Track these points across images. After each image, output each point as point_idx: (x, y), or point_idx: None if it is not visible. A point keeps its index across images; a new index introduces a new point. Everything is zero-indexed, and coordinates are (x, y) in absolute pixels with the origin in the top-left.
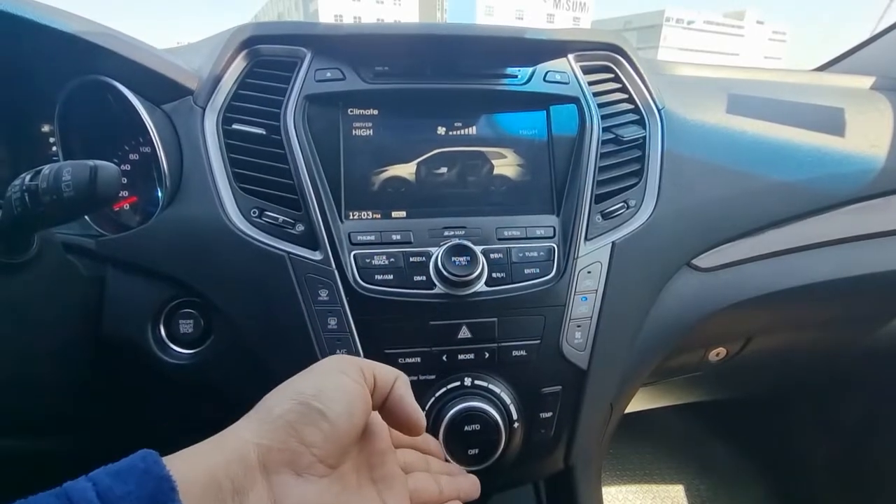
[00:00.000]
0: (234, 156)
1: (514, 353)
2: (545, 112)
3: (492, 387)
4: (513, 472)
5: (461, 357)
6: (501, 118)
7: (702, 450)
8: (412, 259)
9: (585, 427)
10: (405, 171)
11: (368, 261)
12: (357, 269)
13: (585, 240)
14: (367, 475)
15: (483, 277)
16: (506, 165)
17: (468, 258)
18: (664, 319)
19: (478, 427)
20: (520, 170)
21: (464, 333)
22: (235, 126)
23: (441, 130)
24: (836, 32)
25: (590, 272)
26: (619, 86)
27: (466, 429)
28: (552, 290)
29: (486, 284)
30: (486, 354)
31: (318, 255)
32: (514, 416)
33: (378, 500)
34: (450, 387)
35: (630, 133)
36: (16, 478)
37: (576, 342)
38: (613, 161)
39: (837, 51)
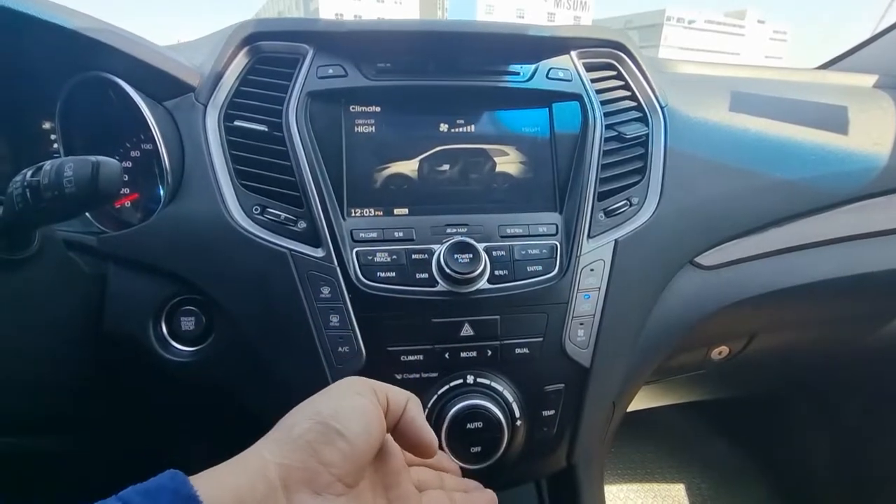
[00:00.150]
0: (236, 153)
1: (517, 351)
2: (548, 109)
3: (494, 384)
4: (515, 471)
5: (463, 355)
6: (504, 115)
7: (703, 449)
8: (414, 256)
9: (588, 425)
10: (407, 169)
11: (370, 258)
12: (359, 267)
13: (588, 237)
14: (383, 494)
15: (485, 275)
16: (508, 163)
17: (471, 255)
18: (667, 317)
19: (480, 425)
20: (522, 167)
21: (466, 331)
22: (237, 123)
23: (443, 127)
24: (837, 32)
25: (592, 270)
26: (622, 83)
27: (469, 426)
28: (555, 288)
29: (489, 282)
30: (489, 352)
31: (320, 253)
32: (517, 414)
33: None
34: (452, 384)
35: (633, 130)
36: (16, 477)
37: (578, 340)
38: (616, 158)
39: (838, 50)
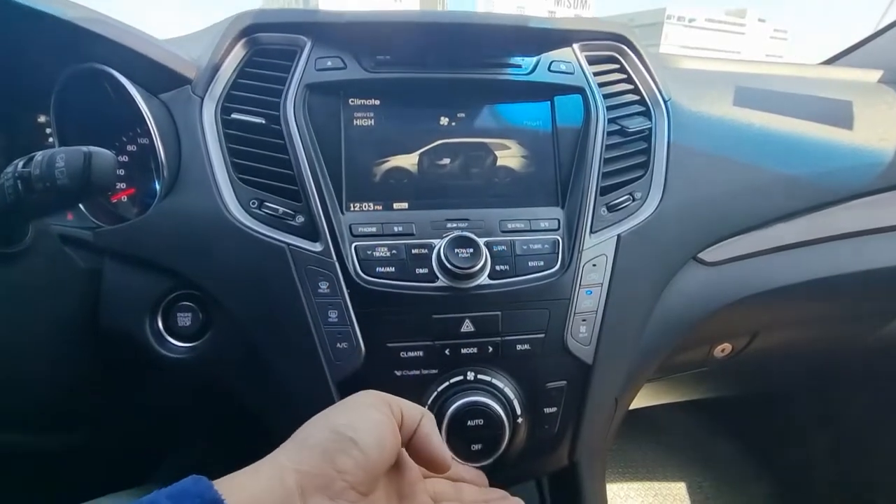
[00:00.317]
0: (233, 146)
1: (518, 348)
2: (549, 102)
3: (495, 381)
4: (516, 469)
5: (464, 351)
6: (505, 109)
7: (705, 447)
8: (414, 251)
9: (590, 423)
10: (407, 162)
11: (370, 253)
12: (358, 261)
13: (591, 232)
14: None
15: (486, 270)
16: (509, 157)
17: (471, 250)
18: (670, 314)
19: (481, 422)
20: (524, 161)
21: (467, 327)
22: (234, 115)
23: (444, 121)
24: (838, 32)
25: (595, 265)
26: (625, 77)
27: (469, 424)
28: (557, 284)
29: (490, 277)
30: (490, 348)
31: (319, 247)
32: (518, 412)
33: None
34: (452, 381)
35: (636, 124)
36: (12, 475)
37: (581, 336)
38: (619, 153)
39: (840, 49)
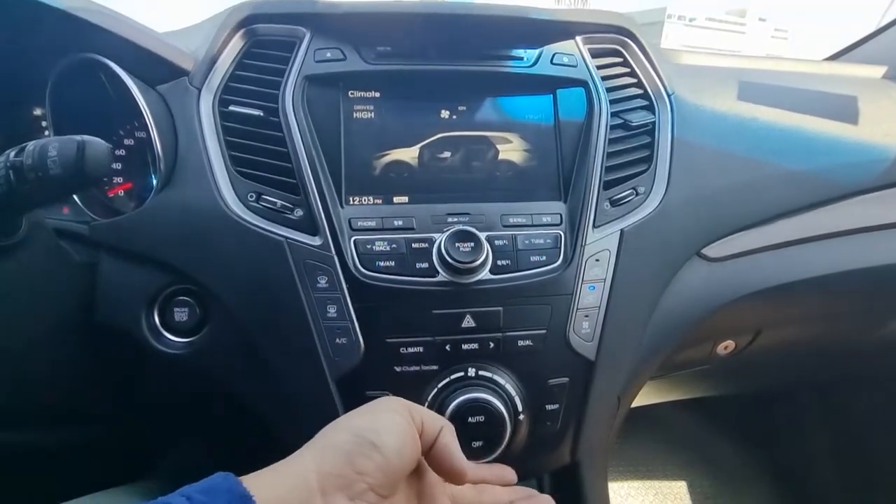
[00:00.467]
0: (231, 138)
1: (520, 344)
2: (552, 96)
3: (496, 378)
4: (518, 466)
5: (465, 347)
6: (507, 102)
7: (706, 446)
8: (414, 245)
9: (593, 420)
10: (407, 156)
11: (369, 247)
12: (357, 256)
13: (593, 227)
14: None
15: (487, 264)
16: (511, 150)
17: (472, 244)
18: (673, 310)
19: (482, 419)
20: (526, 155)
21: (468, 322)
22: (232, 108)
23: (445, 114)
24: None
25: (598, 260)
26: (628, 70)
27: (470, 421)
28: (559, 279)
29: (491, 272)
30: (491, 344)
31: (318, 241)
32: (520, 408)
33: None
34: (453, 377)
35: (639, 118)
36: (11, 472)
37: (583, 332)
38: (622, 147)
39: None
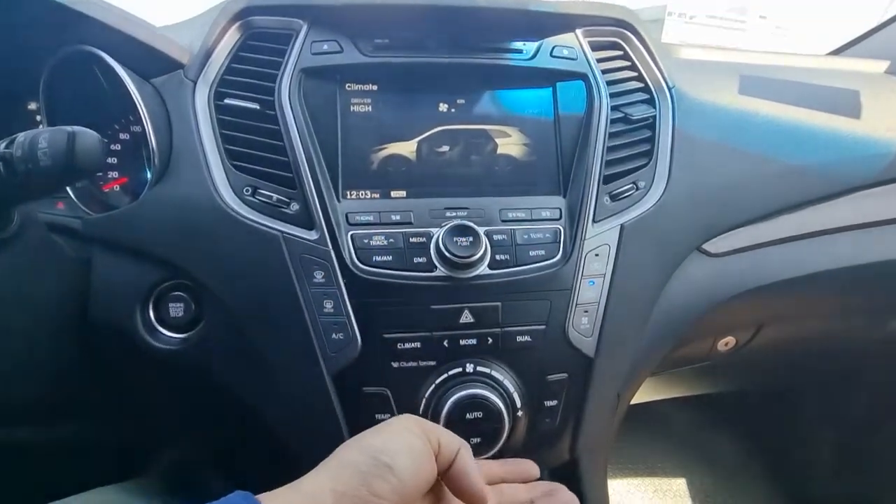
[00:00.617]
0: (227, 132)
1: (519, 339)
2: (551, 89)
3: (495, 374)
4: None
5: (463, 342)
6: (506, 95)
7: (706, 444)
8: (412, 240)
9: (592, 417)
10: (405, 150)
11: (366, 241)
12: (354, 250)
13: (593, 222)
14: None
15: (486, 259)
16: (510, 144)
17: (471, 239)
18: (673, 306)
19: (480, 415)
20: (525, 149)
21: (466, 318)
22: (228, 101)
23: (443, 107)
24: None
25: (597, 255)
26: (629, 63)
27: (468, 417)
28: (558, 274)
29: (490, 267)
30: (489, 340)
31: (314, 235)
32: (518, 405)
33: None
34: (451, 373)
35: (639, 112)
36: (7, 470)
37: (582, 328)
38: (622, 141)
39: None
